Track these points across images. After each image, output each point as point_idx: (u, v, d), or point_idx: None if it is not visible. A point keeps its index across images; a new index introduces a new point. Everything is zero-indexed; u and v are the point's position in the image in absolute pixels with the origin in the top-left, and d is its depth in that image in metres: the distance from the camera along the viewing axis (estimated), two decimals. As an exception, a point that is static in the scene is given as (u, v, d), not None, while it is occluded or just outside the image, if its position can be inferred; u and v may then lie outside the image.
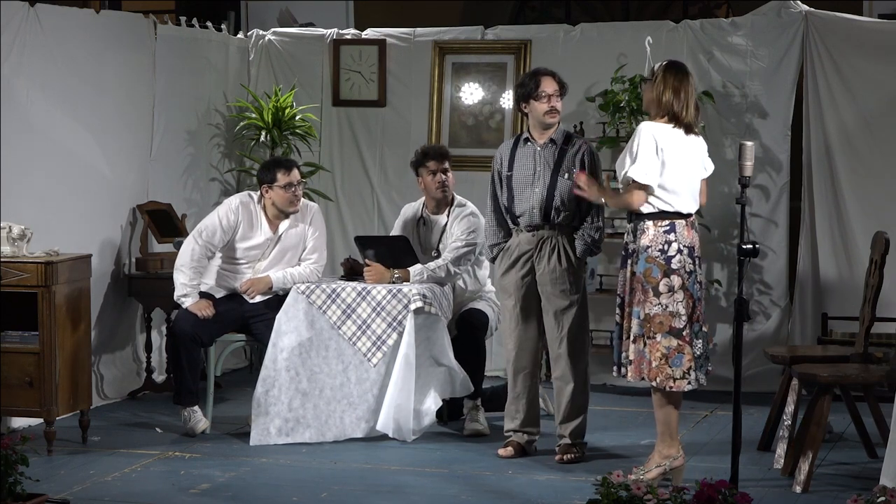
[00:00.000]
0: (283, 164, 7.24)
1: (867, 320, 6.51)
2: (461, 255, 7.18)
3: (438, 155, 7.35)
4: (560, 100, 6.61)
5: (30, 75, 7.24)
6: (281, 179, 7.13)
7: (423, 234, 7.42)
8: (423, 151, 7.41)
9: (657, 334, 5.81)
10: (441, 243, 7.34)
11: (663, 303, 5.81)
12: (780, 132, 8.32)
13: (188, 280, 7.07)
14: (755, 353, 8.08)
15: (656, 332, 5.81)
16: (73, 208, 7.58)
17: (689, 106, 5.90)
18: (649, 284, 5.83)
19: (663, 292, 5.81)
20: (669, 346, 5.82)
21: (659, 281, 5.81)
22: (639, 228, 5.89)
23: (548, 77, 6.61)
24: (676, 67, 5.95)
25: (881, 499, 4.56)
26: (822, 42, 8.21)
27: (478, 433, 7.12)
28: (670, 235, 5.84)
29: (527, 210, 6.57)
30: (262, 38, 9.30)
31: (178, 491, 6.05)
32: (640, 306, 5.84)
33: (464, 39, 9.00)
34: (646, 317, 5.83)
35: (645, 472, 5.86)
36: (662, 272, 5.82)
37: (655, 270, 5.82)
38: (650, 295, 5.82)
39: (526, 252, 6.59)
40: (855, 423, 6.67)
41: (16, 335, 6.64)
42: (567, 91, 6.69)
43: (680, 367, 5.83)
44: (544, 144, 6.60)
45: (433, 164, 7.32)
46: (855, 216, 8.16)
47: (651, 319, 5.82)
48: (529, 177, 6.58)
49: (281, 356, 6.92)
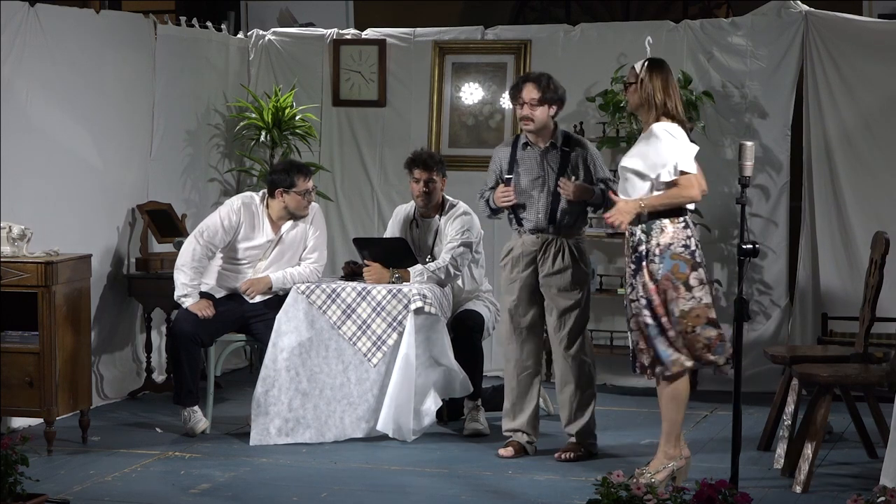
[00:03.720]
0: (303, 170, 7.23)
1: (867, 320, 6.50)
2: (458, 254, 7.18)
3: (423, 164, 7.29)
4: (545, 106, 6.52)
5: (30, 75, 7.24)
6: (300, 185, 7.13)
7: (417, 236, 7.42)
8: (412, 158, 7.37)
9: (696, 328, 5.78)
10: (436, 246, 7.34)
11: (696, 296, 5.77)
12: (780, 132, 8.32)
13: (188, 280, 7.07)
14: (755, 353, 8.08)
15: (694, 325, 5.78)
16: (73, 208, 7.58)
17: (679, 102, 5.90)
18: (679, 280, 5.77)
19: (694, 286, 5.77)
20: (710, 336, 5.78)
21: (688, 275, 5.77)
22: (654, 228, 5.82)
23: (529, 84, 6.56)
24: (659, 66, 5.93)
25: (881, 499, 4.56)
26: (822, 42, 8.21)
27: (478, 433, 7.12)
28: (687, 231, 5.83)
29: (532, 214, 6.58)
30: (262, 38, 9.30)
31: (178, 491, 6.05)
32: (674, 303, 5.79)
33: (464, 39, 9.00)
34: (681, 313, 5.79)
35: (652, 474, 5.83)
36: (690, 266, 5.79)
37: (683, 266, 5.78)
38: (682, 290, 5.78)
39: (530, 253, 6.60)
40: (855, 423, 6.67)
41: (16, 335, 6.64)
42: (556, 97, 6.56)
43: (723, 355, 5.81)
44: (547, 148, 6.59)
45: (417, 172, 7.30)
46: (855, 216, 8.16)
47: (688, 314, 5.78)
48: (535, 181, 6.58)
49: (281, 356, 6.92)
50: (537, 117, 6.52)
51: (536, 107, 6.51)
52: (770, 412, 6.81)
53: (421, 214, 7.41)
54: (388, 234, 7.55)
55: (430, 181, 7.27)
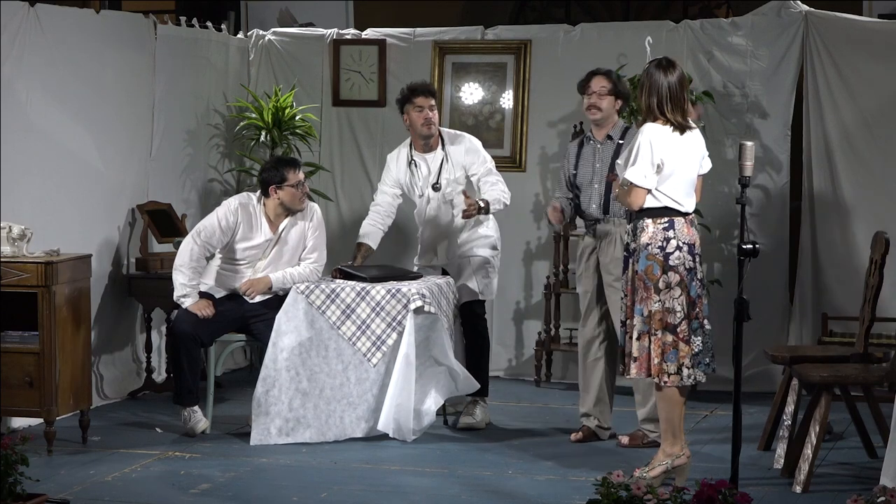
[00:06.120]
0: (290, 162, 7.24)
1: (867, 320, 6.51)
2: (499, 178, 7.32)
3: (426, 91, 7.36)
4: (612, 97, 6.86)
5: (30, 75, 7.24)
6: (291, 178, 7.13)
7: (417, 174, 7.40)
8: (411, 88, 7.38)
9: (658, 331, 5.84)
10: (443, 174, 7.32)
11: (662, 299, 5.84)
12: (780, 132, 8.32)
13: (187, 280, 7.07)
14: (755, 353, 8.08)
15: (657, 328, 5.84)
16: (72, 208, 7.58)
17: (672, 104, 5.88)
18: (651, 282, 5.85)
19: (662, 289, 5.84)
20: (665, 342, 5.85)
21: (659, 278, 5.84)
22: (638, 227, 5.92)
23: (599, 76, 6.94)
24: (656, 67, 5.94)
25: (881, 499, 4.56)
26: (822, 42, 8.21)
27: (470, 427, 7.14)
28: (669, 232, 5.85)
29: (588, 205, 6.86)
30: (262, 38, 9.30)
31: (178, 491, 6.05)
32: (643, 304, 5.87)
33: (464, 39, 9.00)
34: (649, 314, 5.85)
35: (648, 470, 5.88)
36: (661, 269, 5.83)
37: (656, 267, 5.84)
38: (651, 292, 5.85)
39: (590, 244, 6.90)
40: (855, 423, 6.67)
41: (16, 335, 6.64)
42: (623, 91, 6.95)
43: (673, 363, 5.85)
44: (602, 141, 6.90)
45: (421, 99, 7.30)
46: (855, 216, 8.17)
47: (653, 316, 5.84)
48: (590, 174, 6.87)
49: (281, 356, 6.92)
50: (604, 107, 6.86)
51: (605, 96, 6.85)
52: (770, 412, 6.81)
53: (421, 150, 7.39)
54: (385, 183, 7.50)
55: (433, 108, 7.34)
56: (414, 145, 7.42)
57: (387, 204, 7.52)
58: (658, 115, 5.89)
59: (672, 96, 5.89)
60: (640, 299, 5.88)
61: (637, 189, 5.85)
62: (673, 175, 5.88)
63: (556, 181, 7.69)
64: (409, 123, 7.36)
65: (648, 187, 5.84)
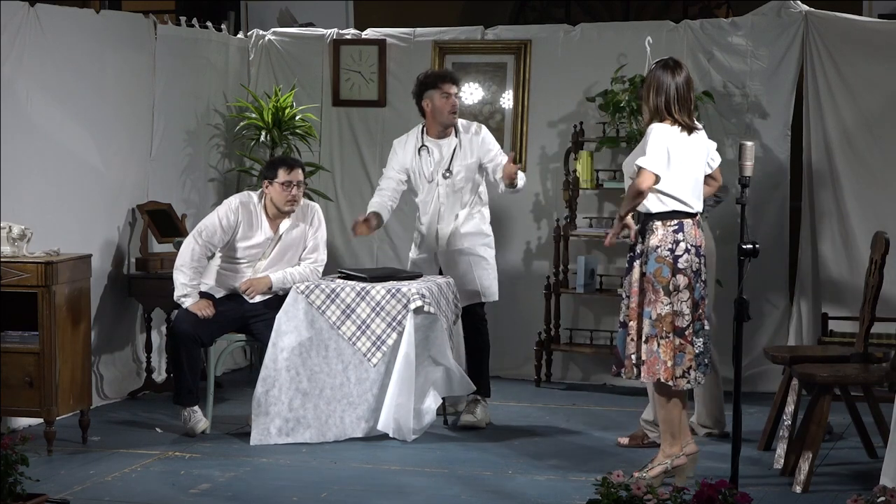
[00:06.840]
0: (287, 162, 7.24)
1: (867, 320, 6.51)
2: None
3: (454, 79, 7.38)
4: None
5: (30, 75, 7.24)
6: (281, 176, 7.12)
7: (427, 160, 7.37)
8: (439, 74, 7.40)
9: (669, 334, 5.83)
10: (454, 163, 7.30)
11: (671, 301, 5.82)
12: (780, 132, 8.32)
13: (188, 280, 7.07)
14: (755, 353, 8.08)
15: (668, 331, 5.82)
16: (72, 208, 7.58)
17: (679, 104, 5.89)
18: (660, 284, 5.83)
19: (672, 291, 5.83)
20: (674, 344, 5.84)
21: (668, 280, 5.82)
22: (647, 229, 5.89)
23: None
24: (662, 68, 5.94)
25: (881, 499, 4.56)
26: (822, 42, 8.21)
27: (471, 426, 7.14)
28: (679, 235, 5.85)
29: None
30: (262, 38, 9.30)
31: (178, 491, 6.05)
32: (652, 306, 5.84)
33: (464, 39, 9.00)
34: (658, 317, 5.83)
35: (647, 470, 5.88)
36: (671, 271, 5.82)
37: (665, 270, 5.83)
38: (661, 295, 5.83)
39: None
40: (855, 423, 6.67)
41: (16, 335, 6.64)
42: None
43: (681, 366, 5.86)
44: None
45: (449, 86, 7.29)
46: (855, 216, 8.16)
47: (662, 319, 5.83)
48: None
49: (281, 356, 6.92)
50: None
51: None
52: (770, 412, 6.81)
53: (436, 136, 7.37)
54: (397, 166, 7.42)
55: (458, 95, 7.37)
56: (428, 130, 7.38)
57: (391, 189, 7.43)
58: (666, 115, 5.89)
59: (679, 97, 5.90)
60: (649, 302, 5.86)
61: (646, 171, 5.81)
62: (681, 174, 5.87)
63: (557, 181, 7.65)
64: (430, 109, 7.30)
65: (658, 172, 5.81)
